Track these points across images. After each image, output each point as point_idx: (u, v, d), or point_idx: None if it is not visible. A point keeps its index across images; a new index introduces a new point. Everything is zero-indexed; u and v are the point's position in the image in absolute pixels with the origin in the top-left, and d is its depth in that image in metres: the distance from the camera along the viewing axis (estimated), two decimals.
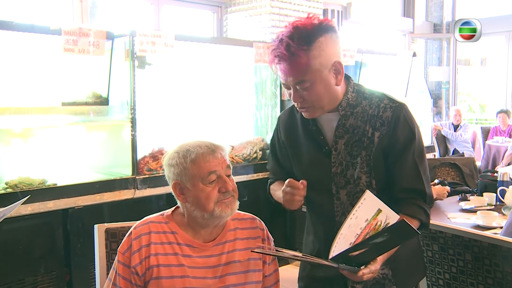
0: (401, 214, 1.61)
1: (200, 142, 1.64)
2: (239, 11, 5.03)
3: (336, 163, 1.68)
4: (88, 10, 4.38)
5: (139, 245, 1.61)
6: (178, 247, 1.63)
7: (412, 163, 1.66)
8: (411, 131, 1.66)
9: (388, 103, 1.67)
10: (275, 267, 1.79)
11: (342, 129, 1.67)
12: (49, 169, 3.20)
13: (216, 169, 1.60)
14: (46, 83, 3.34)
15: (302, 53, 1.53)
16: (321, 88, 1.59)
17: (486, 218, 2.73)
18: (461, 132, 7.30)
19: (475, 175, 3.99)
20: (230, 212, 1.62)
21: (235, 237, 1.70)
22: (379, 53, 5.62)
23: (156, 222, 1.66)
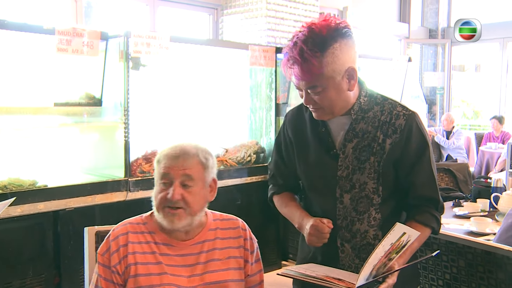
0: (414, 221, 1.64)
1: (181, 144, 1.66)
2: (235, 13, 5.02)
3: (342, 167, 1.67)
4: (82, 10, 4.36)
5: (117, 246, 1.63)
6: (156, 246, 1.64)
7: (429, 171, 1.67)
8: (424, 140, 1.67)
9: (401, 111, 1.66)
10: (259, 267, 1.79)
11: (351, 133, 1.67)
12: (40, 170, 3.17)
13: (170, 173, 1.60)
14: (39, 83, 3.31)
15: (315, 60, 1.52)
16: (333, 93, 1.58)
17: (479, 224, 2.72)
18: (453, 139, 7.30)
19: (469, 181, 3.99)
20: (173, 225, 1.61)
21: (215, 236, 1.71)
22: (375, 58, 5.62)
23: (134, 224, 1.69)
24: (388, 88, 5.62)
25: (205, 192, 1.67)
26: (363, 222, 1.67)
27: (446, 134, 7.44)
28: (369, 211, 1.66)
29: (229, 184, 3.99)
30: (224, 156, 4.04)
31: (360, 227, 1.67)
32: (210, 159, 1.69)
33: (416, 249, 1.66)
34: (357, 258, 1.68)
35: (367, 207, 1.66)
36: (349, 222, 1.68)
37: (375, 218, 1.67)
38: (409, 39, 8.20)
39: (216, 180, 1.73)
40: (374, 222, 1.67)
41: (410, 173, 1.65)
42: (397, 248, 1.47)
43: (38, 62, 3.32)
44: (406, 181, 1.67)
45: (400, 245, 1.47)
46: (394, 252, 1.47)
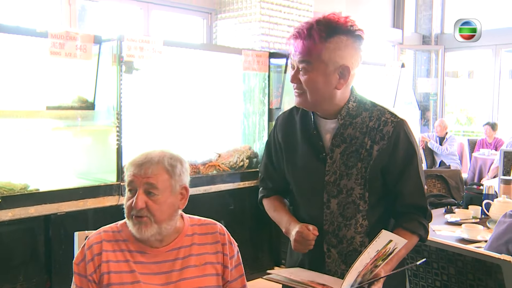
0: (402, 228, 1.64)
1: (149, 151, 1.64)
2: (229, 18, 5.03)
3: (330, 172, 1.67)
4: (76, 14, 4.35)
5: (91, 254, 1.61)
6: (130, 254, 1.63)
7: (416, 179, 1.67)
8: (412, 148, 1.66)
9: (390, 118, 1.66)
10: (240, 273, 1.76)
11: (339, 138, 1.66)
12: (31, 174, 3.15)
13: (134, 181, 1.59)
14: (31, 86, 3.31)
15: (318, 39, 1.55)
16: (320, 80, 1.59)
17: (470, 231, 2.73)
18: (446, 146, 7.31)
19: (461, 187, 4.01)
20: (140, 233, 1.59)
21: (192, 242, 1.69)
22: (368, 64, 5.63)
23: (109, 232, 1.67)
24: (381, 94, 5.64)
25: (174, 200, 1.63)
26: (350, 228, 1.67)
27: (439, 140, 7.46)
28: (356, 217, 1.66)
29: (222, 189, 3.99)
30: (217, 161, 4.04)
31: (347, 233, 1.67)
32: (178, 166, 1.64)
33: (403, 256, 1.65)
34: (343, 264, 1.68)
35: (354, 213, 1.66)
36: (335, 227, 1.68)
37: (362, 225, 1.66)
38: (402, 45, 8.24)
39: (188, 188, 1.69)
40: (361, 229, 1.66)
41: (398, 181, 1.65)
42: (384, 255, 1.47)
43: (31, 65, 3.31)
44: (394, 188, 1.67)
45: (386, 252, 1.47)
46: (380, 259, 1.47)
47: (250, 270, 2.52)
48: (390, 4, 8.13)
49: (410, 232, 1.63)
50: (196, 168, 3.85)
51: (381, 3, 7.99)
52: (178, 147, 3.88)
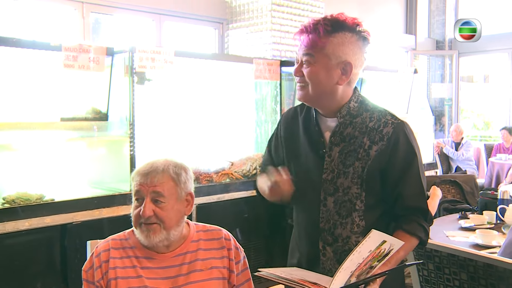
0: (401, 230, 1.63)
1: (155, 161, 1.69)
2: (241, 27, 5.06)
3: (328, 170, 1.68)
4: (90, 27, 4.43)
5: (99, 262, 1.67)
6: (136, 260, 1.68)
7: (417, 182, 1.67)
8: (412, 150, 1.66)
9: (390, 119, 1.67)
10: (246, 277, 1.80)
11: (338, 137, 1.68)
12: (47, 185, 3.20)
13: (141, 190, 1.63)
14: (46, 98, 3.36)
15: (323, 32, 1.59)
16: (323, 74, 1.61)
17: (485, 237, 2.71)
18: (462, 151, 7.23)
19: (476, 192, 3.96)
20: (149, 240, 1.64)
21: (198, 248, 1.73)
22: (380, 70, 5.62)
23: (117, 239, 1.72)
24: (394, 100, 5.62)
25: (180, 206, 1.68)
26: (346, 227, 1.67)
27: (455, 146, 7.39)
28: (352, 216, 1.66)
29: (236, 197, 3.99)
30: (230, 169, 4.06)
31: (342, 232, 1.67)
32: (183, 174, 1.70)
33: (402, 258, 1.64)
34: (338, 263, 1.66)
35: (350, 212, 1.66)
36: (331, 225, 1.68)
37: (359, 225, 1.66)
38: (415, 50, 8.20)
39: (193, 194, 1.74)
40: (357, 229, 1.66)
41: (398, 183, 1.65)
42: (379, 256, 1.46)
43: (46, 78, 3.37)
44: (394, 191, 1.66)
45: (381, 253, 1.45)
46: (375, 260, 1.46)
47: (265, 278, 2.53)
48: (402, 10, 8.10)
49: (409, 234, 1.62)
50: (209, 176, 3.87)
51: (393, 9, 7.97)
52: (191, 156, 3.92)
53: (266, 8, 4.77)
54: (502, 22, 8.33)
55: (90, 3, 4.38)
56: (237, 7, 5.07)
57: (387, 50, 7.87)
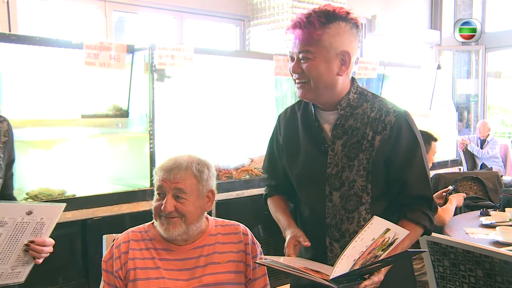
0: (405, 219, 1.62)
1: (178, 156, 1.72)
2: (262, 24, 5.07)
3: (332, 164, 1.66)
4: (113, 25, 4.50)
5: (119, 252, 1.72)
6: (156, 252, 1.72)
7: (421, 170, 1.65)
8: (415, 138, 1.65)
9: (392, 108, 1.66)
10: (262, 272, 1.82)
11: (340, 130, 1.66)
12: (68, 180, 3.26)
13: (163, 186, 1.67)
14: (67, 95, 3.42)
15: (318, 24, 1.57)
16: (322, 67, 1.59)
17: (505, 234, 2.66)
18: (487, 149, 7.07)
19: (499, 189, 3.88)
20: (169, 233, 1.67)
21: (216, 241, 1.77)
22: (402, 66, 5.55)
23: (137, 232, 1.77)
24: (417, 96, 5.54)
25: (200, 203, 1.72)
26: (353, 222, 1.65)
27: (481, 142, 7.25)
28: (359, 210, 1.64)
29: (255, 194, 3.99)
30: (250, 165, 4.06)
31: (349, 226, 1.65)
32: (205, 172, 1.73)
33: (407, 247, 1.61)
34: None
35: (356, 206, 1.64)
36: (338, 220, 1.66)
37: (365, 219, 1.64)
38: (440, 46, 8.06)
39: (214, 191, 1.78)
40: (364, 223, 1.63)
41: (403, 172, 1.63)
42: (383, 245, 1.43)
43: (67, 76, 3.42)
44: (398, 180, 1.64)
45: (386, 242, 1.43)
46: (379, 249, 1.43)
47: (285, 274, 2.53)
48: (427, 5, 7.98)
49: (413, 223, 1.61)
50: (229, 173, 3.89)
51: (418, 4, 7.85)
52: (210, 152, 3.93)
53: (287, 4, 4.77)
54: None
55: (113, 2, 4.45)
56: (258, 4, 5.08)
57: (411, 46, 7.76)
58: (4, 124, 1.82)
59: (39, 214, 1.59)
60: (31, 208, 1.56)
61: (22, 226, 1.58)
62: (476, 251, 1.99)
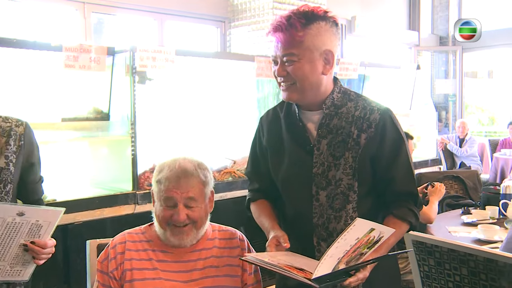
0: (391, 216, 1.64)
1: (179, 162, 1.69)
2: (243, 25, 5.06)
3: (318, 163, 1.66)
4: (92, 27, 4.44)
5: (115, 253, 1.71)
6: (153, 253, 1.72)
7: (406, 166, 1.67)
8: (400, 135, 1.67)
9: (375, 106, 1.67)
10: (257, 278, 1.82)
11: (325, 129, 1.67)
12: (48, 185, 3.18)
13: (174, 197, 1.65)
14: (47, 99, 3.36)
15: (300, 26, 1.57)
16: (307, 67, 1.60)
17: (487, 232, 2.70)
18: (466, 148, 7.20)
19: (479, 188, 3.94)
20: (181, 241, 1.68)
21: (213, 245, 1.77)
22: (383, 66, 5.60)
23: (133, 233, 1.77)
24: (397, 96, 5.60)
25: (206, 206, 1.73)
26: (340, 221, 1.64)
27: (460, 142, 7.36)
28: (346, 209, 1.64)
29: (238, 195, 3.98)
30: (232, 167, 4.05)
31: (337, 225, 1.65)
32: (208, 175, 1.74)
33: (393, 244, 1.64)
34: None
35: (343, 204, 1.64)
36: (325, 220, 1.66)
37: (353, 217, 1.63)
38: (419, 47, 8.17)
39: (213, 192, 1.79)
40: (351, 221, 1.59)
41: (388, 169, 1.65)
42: (368, 243, 1.43)
43: (47, 79, 3.37)
44: (384, 176, 1.66)
45: (371, 240, 1.43)
46: (365, 247, 1.44)
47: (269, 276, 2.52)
48: (405, 6, 8.08)
49: (399, 219, 1.63)
50: None
51: (396, 5, 7.94)
52: (193, 154, 3.91)
53: (267, 6, 4.77)
54: (505, 17, 8.28)
55: (92, 3, 4.39)
56: (239, 5, 5.07)
57: (390, 46, 7.84)
58: (20, 128, 1.83)
59: (33, 216, 1.59)
60: (22, 210, 1.56)
61: (14, 226, 1.57)
62: (461, 249, 2.00)
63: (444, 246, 2.09)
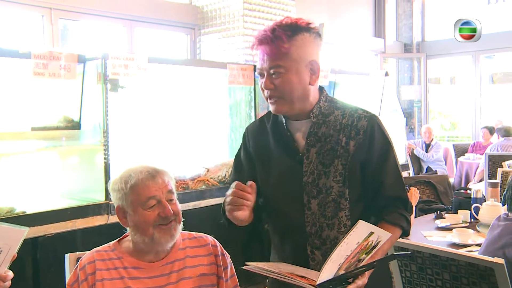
0: (383, 221, 1.63)
1: (143, 167, 1.68)
2: (212, 32, 5.04)
3: (308, 172, 1.66)
4: (59, 33, 4.33)
5: (85, 275, 1.64)
6: (124, 271, 1.66)
7: (395, 171, 1.68)
8: (387, 140, 1.69)
9: (362, 113, 1.68)
10: (235, 282, 1.81)
11: (314, 138, 1.67)
12: (17, 197, 3.10)
13: (156, 194, 1.64)
14: (15, 107, 3.27)
15: (285, 38, 1.57)
16: (295, 79, 1.60)
17: (461, 235, 2.75)
18: (432, 153, 7.38)
19: (449, 192, 4.03)
20: (170, 238, 1.66)
21: (185, 255, 1.73)
22: (352, 73, 5.67)
23: (102, 251, 1.70)
24: (366, 102, 5.68)
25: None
26: (333, 228, 1.65)
27: (426, 147, 7.53)
28: (338, 216, 1.65)
29: (211, 204, 3.95)
30: (206, 175, 4.02)
31: (330, 233, 1.65)
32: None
33: (387, 250, 1.64)
34: None
35: (335, 212, 1.64)
36: (318, 228, 1.66)
37: (346, 225, 1.64)
38: (385, 53, 8.33)
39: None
40: (344, 229, 1.65)
41: (377, 174, 1.66)
42: (367, 248, 1.44)
43: (15, 87, 3.27)
44: (374, 182, 1.67)
45: (369, 245, 1.44)
46: (363, 252, 1.45)
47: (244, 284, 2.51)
48: (371, 14, 8.23)
49: (392, 225, 1.63)
50: (185, 183, 3.82)
51: (362, 13, 8.09)
52: (166, 163, 3.86)
53: (238, 13, 4.76)
54: None
55: (59, 9, 4.29)
56: (209, 12, 5.05)
57: (357, 53, 7.97)
58: None
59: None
60: None
61: None
62: (443, 254, 2.05)
63: (426, 251, 2.13)
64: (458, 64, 9.52)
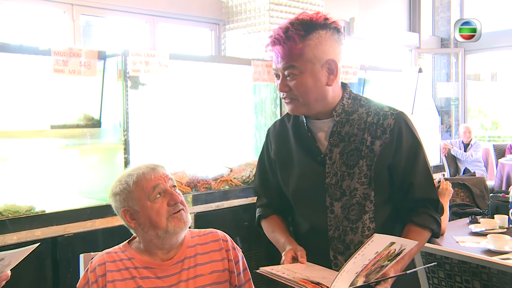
0: (412, 223, 1.58)
1: (140, 165, 1.72)
2: (238, 28, 4.95)
3: (330, 173, 1.60)
4: (80, 30, 4.33)
5: (95, 277, 1.65)
6: (136, 271, 1.66)
7: (425, 171, 1.61)
8: (416, 139, 1.61)
9: (389, 111, 1.61)
10: (248, 276, 1.80)
11: (337, 137, 1.61)
12: (37, 196, 3.09)
13: (159, 182, 1.65)
14: (35, 105, 3.26)
15: (298, 38, 1.51)
16: (310, 81, 1.54)
17: (497, 242, 2.60)
18: (471, 152, 7.09)
19: (486, 195, 3.84)
20: (183, 226, 1.66)
21: (196, 253, 1.73)
22: (383, 70, 5.50)
23: (112, 253, 1.71)
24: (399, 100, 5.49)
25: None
26: (357, 232, 1.59)
27: (464, 147, 7.25)
28: (362, 220, 1.58)
29: (235, 205, 3.87)
30: (229, 175, 3.93)
31: (354, 237, 1.59)
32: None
33: (415, 253, 1.59)
34: None
35: (360, 215, 1.58)
36: (341, 232, 1.60)
37: (369, 228, 1.59)
38: (420, 49, 8.08)
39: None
40: (368, 232, 1.58)
41: (407, 175, 1.59)
42: (389, 256, 1.37)
43: (35, 84, 3.27)
44: (403, 184, 1.60)
45: (392, 253, 1.37)
46: (385, 260, 1.37)
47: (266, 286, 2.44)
48: (405, 7, 7.99)
49: (421, 227, 1.57)
50: (208, 183, 3.74)
51: (396, 6, 7.85)
52: (188, 162, 3.80)
53: (264, 7, 4.65)
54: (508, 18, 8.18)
55: (80, 5, 4.28)
56: (234, 7, 4.96)
57: (390, 48, 7.75)
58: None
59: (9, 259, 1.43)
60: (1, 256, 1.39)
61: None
62: (473, 261, 1.90)
63: (455, 257, 1.99)
64: (500, 60, 9.14)
